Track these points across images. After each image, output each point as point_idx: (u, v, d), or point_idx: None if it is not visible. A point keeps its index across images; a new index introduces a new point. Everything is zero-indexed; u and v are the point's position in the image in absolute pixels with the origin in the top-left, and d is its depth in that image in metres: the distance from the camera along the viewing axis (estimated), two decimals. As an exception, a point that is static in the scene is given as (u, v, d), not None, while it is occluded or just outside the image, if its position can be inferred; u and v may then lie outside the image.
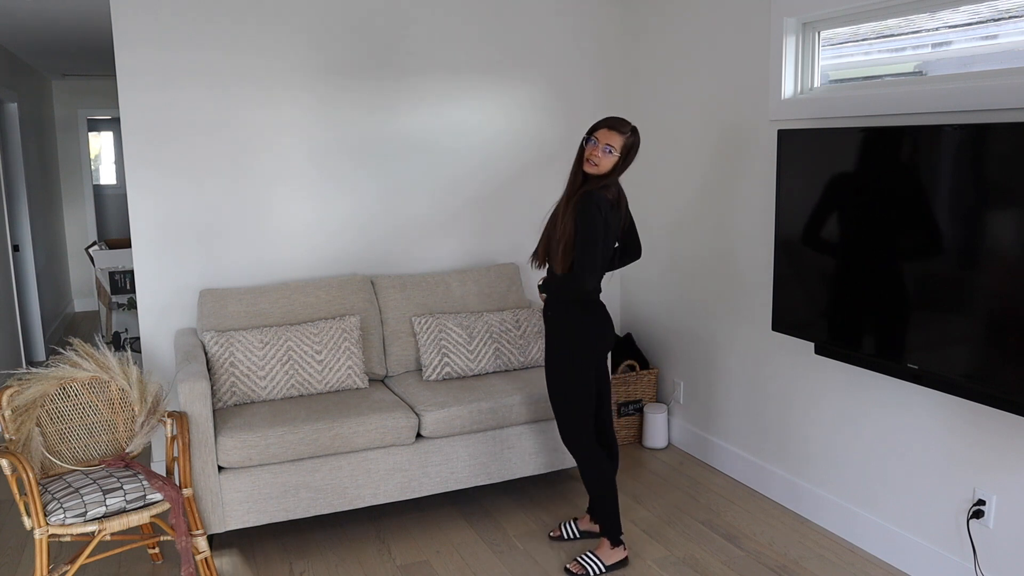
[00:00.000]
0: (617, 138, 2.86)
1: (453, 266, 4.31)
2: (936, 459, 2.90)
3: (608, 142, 2.85)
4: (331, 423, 3.20)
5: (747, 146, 3.66)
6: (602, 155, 2.85)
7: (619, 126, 2.88)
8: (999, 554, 2.72)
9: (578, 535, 3.33)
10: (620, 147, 2.87)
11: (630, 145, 2.89)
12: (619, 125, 2.88)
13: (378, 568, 3.14)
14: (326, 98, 3.95)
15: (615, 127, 2.88)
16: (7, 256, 5.61)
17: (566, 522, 3.36)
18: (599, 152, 2.86)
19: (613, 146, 2.85)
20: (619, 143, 2.86)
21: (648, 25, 4.30)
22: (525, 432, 3.56)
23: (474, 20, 4.19)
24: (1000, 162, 2.40)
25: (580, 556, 3.10)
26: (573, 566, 3.07)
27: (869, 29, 3.15)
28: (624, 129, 2.88)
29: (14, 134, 6.17)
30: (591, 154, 2.87)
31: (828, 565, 3.11)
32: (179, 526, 2.77)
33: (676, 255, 4.21)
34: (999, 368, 2.45)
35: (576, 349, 2.97)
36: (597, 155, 2.86)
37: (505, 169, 4.36)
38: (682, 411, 4.30)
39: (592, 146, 2.88)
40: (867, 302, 2.88)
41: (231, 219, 3.85)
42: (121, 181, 10.11)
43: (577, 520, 3.35)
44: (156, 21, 3.61)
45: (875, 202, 2.81)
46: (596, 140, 2.87)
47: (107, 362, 2.99)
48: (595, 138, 2.88)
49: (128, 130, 3.64)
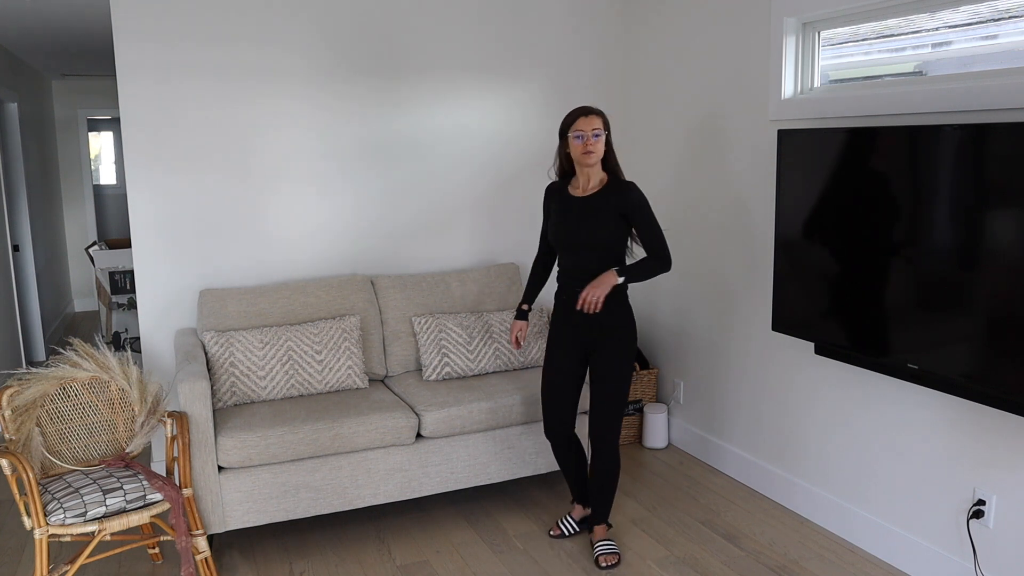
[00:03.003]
0: (596, 120, 2.93)
1: (453, 266, 4.31)
2: (936, 459, 2.90)
3: (593, 127, 2.91)
4: (331, 423, 3.20)
5: (747, 146, 3.66)
6: (594, 141, 2.91)
7: (589, 110, 2.95)
8: (999, 554, 2.72)
9: (576, 528, 3.36)
10: (603, 125, 2.95)
11: (607, 120, 2.97)
12: (588, 109, 2.95)
13: (378, 568, 3.14)
14: (327, 97, 3.94)
15: (587, 112, 2.94)
16: (7, 256, 5.61)
17: (561, 518, 3.38)
18: (591, 140, 2.91)
19: (599, 128, 2.93)
20: (600, 123, 2.94)
21: (648, 25, 4.30)
22: (525, 432, 3.56)
23: (475, 20, 4.19)
24: (1000, 162, 2.40)
25: (601, 546, 3.15)
26: (607, 559, 3.12)
27: (869, 29, 3.15)
28: (594, 109, 2.96)
29: (14, 134, 6.17)
30: (586, 147, 2.91)
31: (828, 565, 3.11)
32: (179, 526, 2.77)
33: (676, 255, 4.21)
34: (999, 368, 2.45)
35: (634, 337, 3.10)
36: (591, 144, 2.91)
37: (505, 169, 4.36)
38: (682, 411, 4.30)
39: (581, 141, 2.91)
40: (867, 302, 2.88)
41: (231, 219, 3.85)
42: (121, 181, 10.11)
43: (571, 513, 3.39)
44: (156, 16, 3.61)
45: (875, 202, 2.81)
46: (582, 134, 2.91)
47: (107, 362, 2.99)
48: (580, 132, 2.91)
49: (128, 127, 3.64)
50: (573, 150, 2.95)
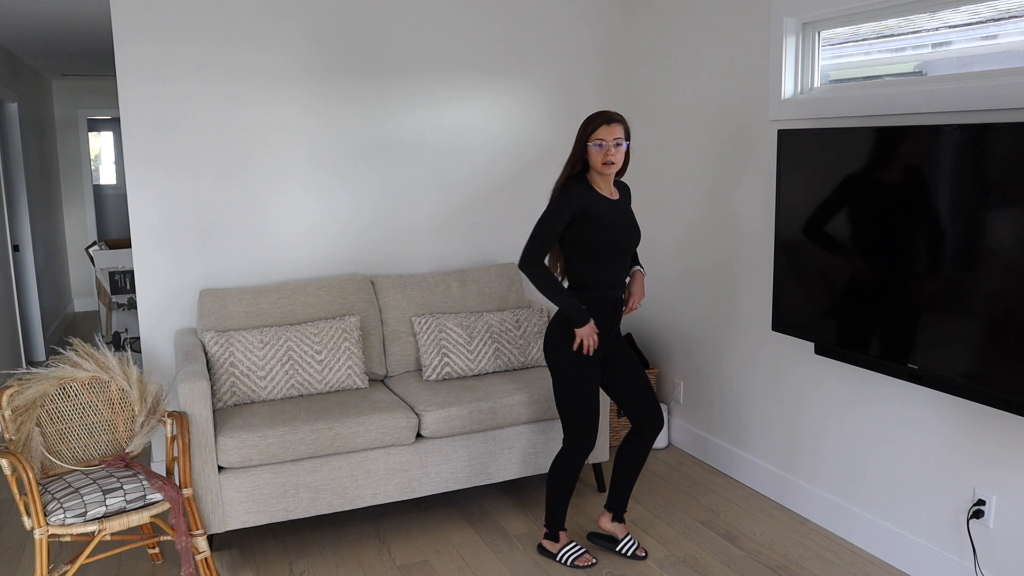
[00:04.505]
0: (618, 128, 2.87)
1: (453, 266, 4.31)
2: (936, 459, 2.90)
3: (615, 136, 2.85)
4: (331, 423, 3.20)
5: (747, 146, 3.66)
6: (615, 151, 2.85)
7: (612, 117, 2.87)
8: (999, 554, 2.72)
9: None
10: (625, 134, 2.89)
11: (628, 128, 2.92)
12: (611, 116, 2.87)
13: (378, 568, 3.14)
14: (327, 96, 3.95)
15: (610, 120, 2.86)
16: (7, 256, 5.61)
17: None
18: (612, 150, 2.84)
19: (620, 138, 2.87)
20: (622, 131, 2.88)
21: (648, 25, 4.30)
22: (525, 432, 3.56)
23: (475, 19, 4.19)
24: (1000, 162, 2.40)
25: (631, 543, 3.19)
26: (642, 549, 3.20)
27: (869, 29, 3.15)
28: (617, 116, 2.88)
29: (14, 134, 6.17)
30: (607, 156, 2.84)
31: (828, 565, 3.11)
32: (179, 526, 2.77)
33: (676, 255, 4.21)
34: (999, 368, 2.45)
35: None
36: (612, 154, 2.84)
37: (506, 169, 4.36)
38: (682, 411, 4.30)
39: (602, 149, 2.84)
40: (867, 302, 2.88)
41: (231, 219, 3.85)
42: (121, 181, 10.11)
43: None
44: (156, 16, 3.61)
45: (875, 202, 2.81)
46: (603, 142, 2.84)
47: (107, 362, 2.99)
48: (601, 141, 2.84)
49: (128, 126, 3.64)
50: (592, 158, 2.86)
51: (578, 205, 2.86)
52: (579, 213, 2.86)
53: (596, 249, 2.89)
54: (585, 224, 2.87)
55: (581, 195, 2.87)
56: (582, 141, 2.89)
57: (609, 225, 2.89)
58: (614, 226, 2.90)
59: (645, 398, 3.07)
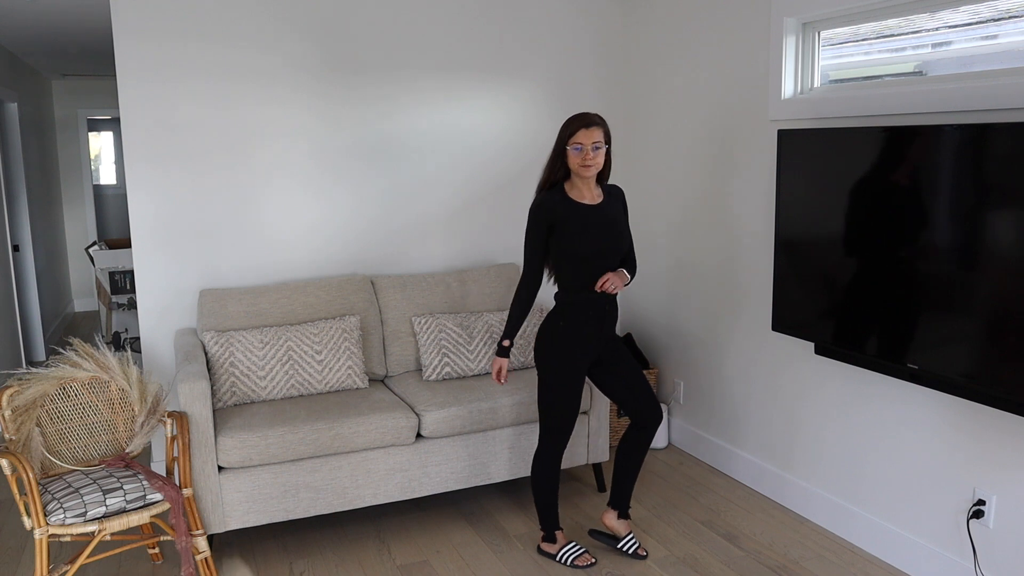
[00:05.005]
0: (597, 132, 2.85)
1: (453, 266, 4.31)
2: (936, 459, 2.90)
3: (594, 140, 2.83)
4: (331, 423, 3.20)
5: (747, 146, 3.66)
6: (594, 154, 2.84)
7: (591, 120, 2.85)
8: (999, 554, 2.72)
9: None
10: (605, 137, 2.88)
11: (608, 131, 2.90)
12: (590, 120, 2.85)
13: (378, 568, 3.14)
14: (327, 96, 3.95)
15: (588, 123, 2.84)
16: (7, 256, 5.61)
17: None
18: (591, 154, 2.83)
19: (599, 141, 2.85)
20: (601, 135, 2.86)
21: (648, 25, 4.30)
22: (525, 432, 3.56)
23: (475, 19, 4.19)
24: (1000, 162, 2.40)
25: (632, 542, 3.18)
26: (644, 548, 3.21)
27: (869, 29, 3.15)
28: (596, 119, 2.86)
29: (14, 134, 6.17)
30: (585, 160, 2.83)
31: (828, 565, 3.11)
32: (179, 526, 2.77)
33: (676, 255, 4.22)
34: (999, 368, 2.45)
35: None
36: (590, 158, 2.83)
37: (505, 169, 4.36)
38: (682, 411, 4.30)
39: (580, 153, 2.83)
40: (867, 302, 2.88)
41: (231, 218, 3.85)
42: (121, 181, 10.11)
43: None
44: (156, 16, 3.61)
45: (875, 202, 2.81)
46: (581, 146, 2.83)
47: (107, 362, 2.99)
48: (579, 144, 2.83)
49: (128, 127, 3.64)
50: (571, 161, 2.86)
51: (550, 217, 2.90)
52: (553, 223, 2.90)
53: (576, 254, 2.91)
54: (561, 232, 2.90)
55: (552, 207, 2.90)
56: (561, 144, 2.89)
57: (584, 230, 2.90)
58: (591, 231, 2.90)
59: (643, 394, 3.08)
